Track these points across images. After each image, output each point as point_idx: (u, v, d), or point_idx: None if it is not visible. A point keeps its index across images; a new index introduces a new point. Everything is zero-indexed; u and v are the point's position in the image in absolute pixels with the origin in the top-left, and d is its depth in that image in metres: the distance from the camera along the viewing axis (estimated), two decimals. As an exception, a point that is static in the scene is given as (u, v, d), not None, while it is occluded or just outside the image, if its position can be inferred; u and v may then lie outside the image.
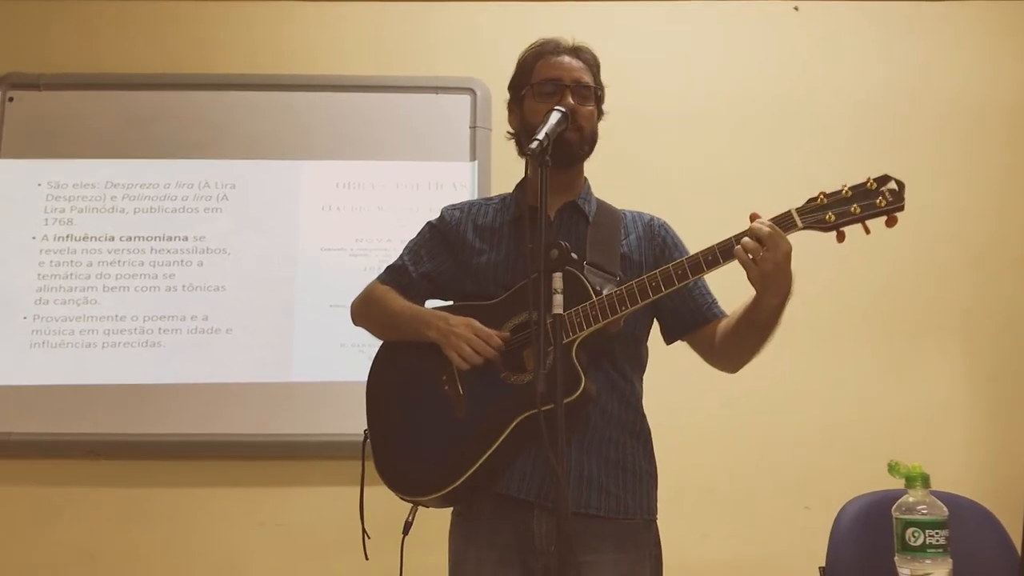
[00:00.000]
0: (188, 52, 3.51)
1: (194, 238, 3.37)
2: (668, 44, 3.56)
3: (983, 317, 3.38)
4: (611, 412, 1.91)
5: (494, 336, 1.84)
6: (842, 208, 1.67)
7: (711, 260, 1.74)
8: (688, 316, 1.99)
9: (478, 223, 2.07)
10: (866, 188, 1.67)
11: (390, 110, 3.45)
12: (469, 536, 1.92)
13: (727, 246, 1.72)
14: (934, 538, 1.38)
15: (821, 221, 1.68)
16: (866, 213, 1.66)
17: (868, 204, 1.65)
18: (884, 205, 1.64)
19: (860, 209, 1.66)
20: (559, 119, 1.80)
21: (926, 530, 1.37)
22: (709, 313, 1.99)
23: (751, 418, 3.28)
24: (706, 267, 1.74)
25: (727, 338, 1.92)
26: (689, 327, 2.00)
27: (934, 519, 1.39)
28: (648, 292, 1.77)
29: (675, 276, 1.76)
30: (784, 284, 1.71)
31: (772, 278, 1.68)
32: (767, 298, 1.73)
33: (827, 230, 1.68)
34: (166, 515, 3.22)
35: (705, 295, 2.01)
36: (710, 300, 2.01)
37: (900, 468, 1.46)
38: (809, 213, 1.69)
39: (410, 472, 1.89)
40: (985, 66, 3.53)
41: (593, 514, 1.83)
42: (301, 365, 3.28)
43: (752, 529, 3.23)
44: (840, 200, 1.68)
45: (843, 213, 1.66)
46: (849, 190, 1.68)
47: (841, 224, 1.67)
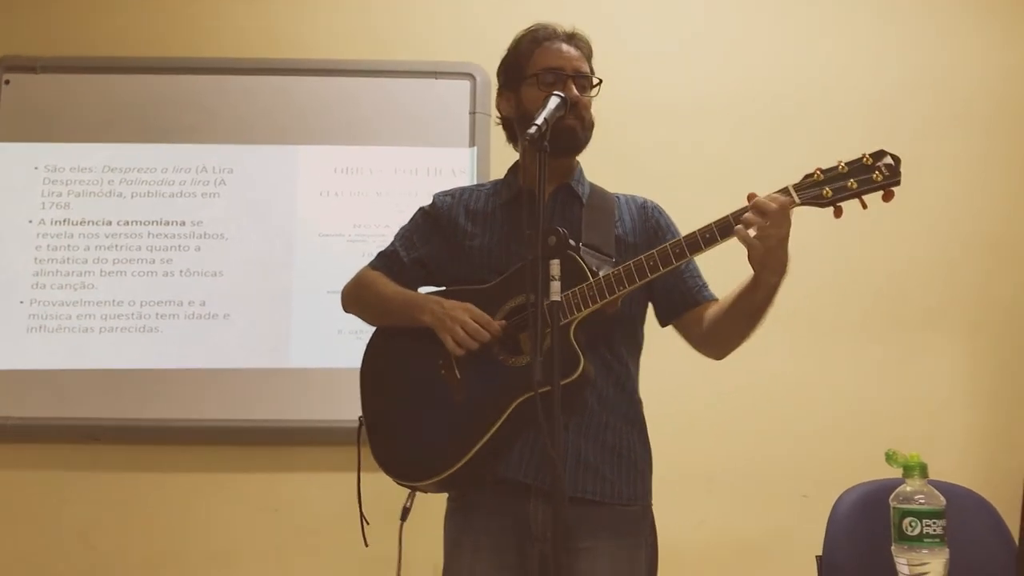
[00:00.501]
0: (186, 36, 3.49)
1: (191, 223, 3.36)
2: (672, 33, 3.53)
3: (986, 310, 3.37)
4: (607, 397, 1.90)
5: (491, 320, 1.83)
6: (839, 183, 1.66)
7: (708, 238, 1.73)
8: (678, 297, 1.99)
9: (470, 208, 2.06)
10: (862, 163, 1.67)
11: (389, 95, 3.43)
12: (465, 521, 1.91)
13: (725, 223, 1.71)
14: (931, 528, 1.37)
15: (818, 197, 1.67)
16: (863, 188, 1.66)
17: (865, 179, 1.65)
18: (881, 180, 1.64)
19: (857, 184, 1.66)
20: (558, 104, 1.79)
21: (923, 520, 1.37)
22: (700, 296, 1.99)
23: (750, 406, 3.27)
24: (704, 245, 1.73)
25: (717, 322, 1.91)
26: (679, 309, 1.99)
27: (931, 508, 1.38)
28: (646, 271, 1.76)
29: (672, 255, 1.75)
30: (783, 261, 1.71)
31: (774, 253, 1.67)
32: (766, 276, 1.72)
33: (824, 205, 1.68)
34: (163, 500, 3.22)
35: (696, 277, 2.01)
36: (700, 283, 2.01)
37: (898, 457, 1.45)
38: (806, 189, 1.69)
39: (408, 457, 1.88)
40: (1001, 58, 3.50)
41: (588, 499, 1.83)
42: (298, 351, 3.27)
43: (749, 517, 3.23)
44: (837, 175, 1.67)
45: (840, 188, 1.66)
46: (845, 165, 1.68)
47: (838, 199, 1.67)
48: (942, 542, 1.37)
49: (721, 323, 1.90)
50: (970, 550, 1.97)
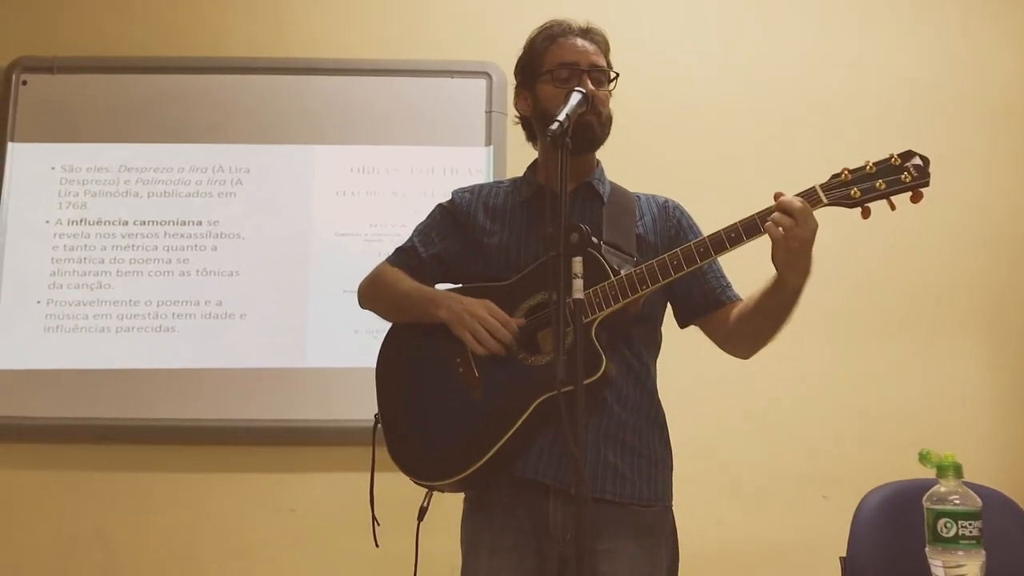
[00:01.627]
0: (202, 35, 3.49)
1: (208, 223, 3.35)
2: (687, 31, 3.51)
3: (1008, 309, 3.33)
4: (627, 396, 1.88)
5: (510, 319, 1.81)
6: (867, 184, 1.65)
7: (734, 238, 1.70)
8: (701, 299, 1.97)
9: (489, 204, 2.04)
10: (890, 164, 1.65)
11: (405, 94, 3.41)
12: (483, 521, 1.89)
13: (751, 223, 1.69)
14: (967, 529, 1.34)
15: (846, 197, 1.65)
16: (891, 189, 1.64)
17: (893, 180, 1.64)
18: (909, 181, 1.63)
19: (885, 185, 1.64)
20: (580, 100, 1.76)
21: (959, 521, 1.33)
22: (724, 296, 1.96)
23: (769, 406, 3.25)
24: (729, 245, 1.71)
25: (742, 322, 1.89)
26: (703, 310, 1.97)
27: (967, 510, 1.35)
28: (669, 271, 1.74)
29: (697, 255, 1.73)
30: (806, 263, 1.68)
31: (797, 255, 1.65)
32: (789, 277, 1.70)
33: (852, 206, 1.66)
34: (178, 500, 3.22)
35: (720, 278, 1.98)
36: (724, 283, 1.98)
37: (932, 457, 1.42)
38: (834, 189, 1.67)
39: (425, 457, 1.86)
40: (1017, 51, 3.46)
41: (609, 499, 1.81)
42: (315, 351, 3.26)
43: (769, 517, 3.20)
44: (864, 176, 1.66)
45: (868, 189, 1.64)
46: (873, 166, 1.66)
47: (866, 200, 1.65)
48: (979, 544, 1.34)
49: (746, 323, 1.87)
50: (997, 551, 1.94)
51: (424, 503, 1.90)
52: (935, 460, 1.41)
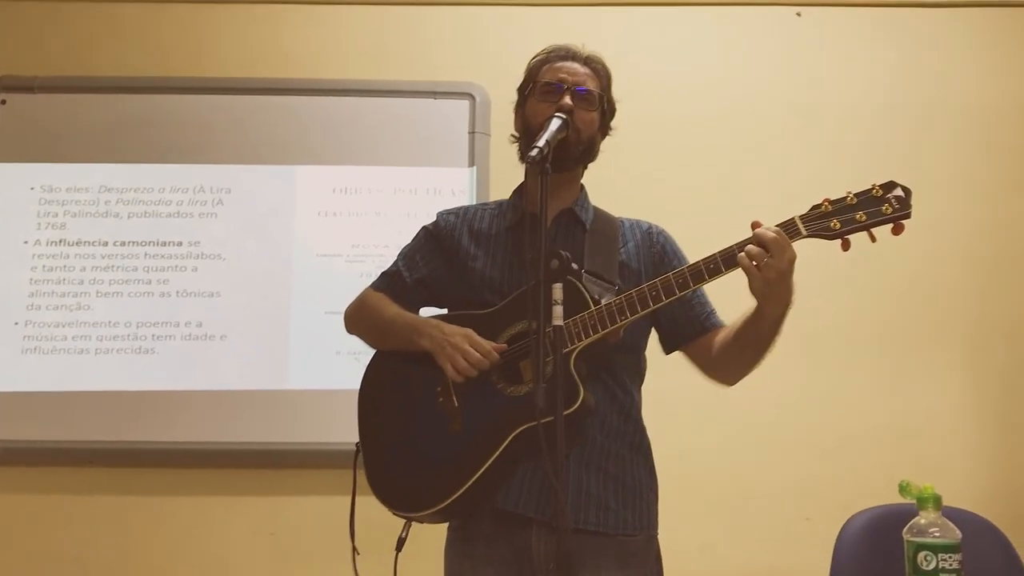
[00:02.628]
0: (183, 55, 3.47)
1: (189, 243, 3.33)
2: (669, 51, 3.52)
3: (990, 329, 3.34)
4: (610, 424, 1.87)
5: (491, 349, 1.80)
6: (847, 215, 1.63)
7: (712, 268, 1.70)
8: (686, 325, 1.96)
9: (474, 228, 2.03)
10: (871, 195, 1.64)
11: (388, 114, 3.41)
12: (466, 553, 1.87)
13: (729, 254, 1.68)
14: (947, 562, 1.33)
15: (826, 229, 1.65)
16: (872, 220, 1.63)
17: (874, 211, 1.62)
18: (890, 212, 1.62)
19: (866, 216, 1.63)
20: (559, 126, 1.77)
21: (939, 554, 1.33)
22: (708, 323, 1.96)
23: (751, 429, 3.24)
24: (708, 275, 1.71)
25: (726, 350, 1.88)
26: (687, 337, 1.97)
27: (947, 542, 1.34)
28: (648, 301, 1.73)
29: (676, 285, 1.73)
30: (786, 294, 1.67)
31: (775, 286, 1.64)
32: (768, 308, 1.69)
33: (832, 238, 1.65)
34: (158, 523, 3.18)
35: (704, 304, 1.97)
36: (709, 310, 1.98)
37: (912, 489, 1.41)
38: (813, 220, 1.66)
39: (403, 487, 1.85)
40: (993, 75, 3.49)
41: (592, 530, 1.79)
42: (296, 373, 3.24)
43: (752, 540, 3.19)
44: (845, 207, 1.65)
45: (848, 220, 1.63)
46: (854, 197, 1.65)
47: (846, 232, 1.64)
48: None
49: (730, 351, 1.87)
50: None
51: (403, 533, 1.88)
52: (915, 492, 1.40)
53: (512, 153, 2.04)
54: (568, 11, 3.50)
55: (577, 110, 1.89)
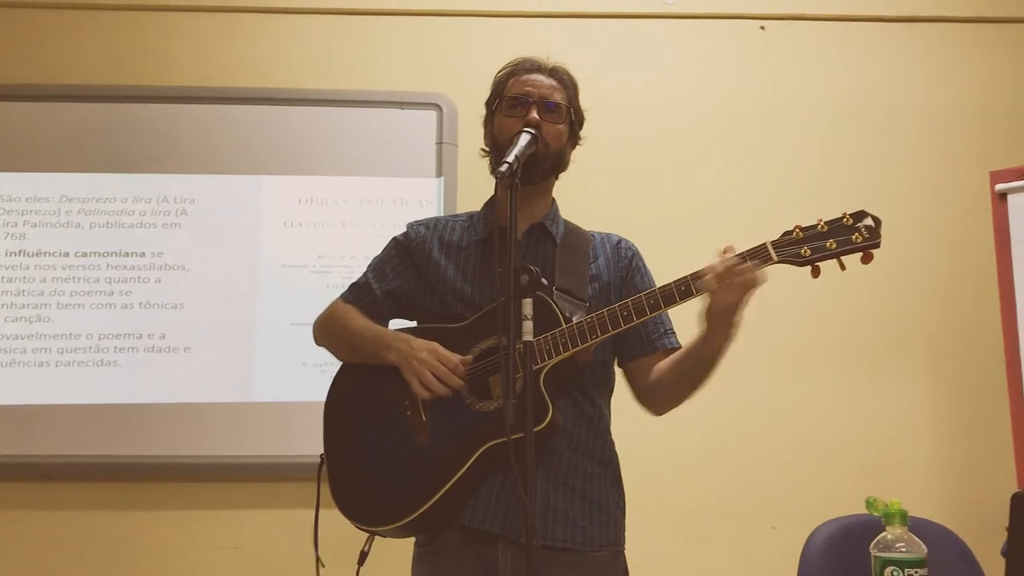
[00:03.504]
0: (146, 64, 3.43)
1: (152, 254, 3.29)
2: (634, 64, 3.54)
3: (948, 339, 3.39)
4: (579, 440, 1.87)
5: (459, 365, 1.79)
6: (818, 243, 1.65)
7: (684, 291, 1.71)
8: (636, 343, 1.96)
9: (444, 240, 2.02)
10: (842, 223, 1.66)
11: (354, 125, 3.39)
12: (432, 568, 1.86)
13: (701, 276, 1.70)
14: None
15: (797, 255, 1.67)
16: (842, 249, 1.65)
17: (844, 240, 1.65)
18: (860, 241, 1.64)
19: (836, 244, 1.65)
20: (528, 141, 1.77)
21: (905, 569, 1.35)
22: (657, 343, 1.95)
23: (715, 439, 3.26)
24: (679, 298, 1.72)
25: (663, 376, 1.90)
26: (634, 354, 1.96)
27: (913, 557, 1.36)
28: (619, 321, 1.74)
29: (647, 307, 1.74)
30: (735, 324, 1.71)
31: (733, 313, 1.68)
32: (713, 335, 1.72)
33: (802, 264, 1.67)
34: (121, 538, 3.14)
35: (659, 324, 1.97)
36: (663, 330, 1.97)
37: (878, 505, 1.43)
38: (785, 247, 1.68)
39: (367, 501, 1.83)
40: (948, 87, 3.55)
41: (560, 547, 1.79)
42: (261, 385, 3.22)
43: (718, 550, 3.21)
44: (816, 235, 1.67)
45: (819, 248, 1.65)
46: (825, 224, 1.67)
47: (817, 259, 1.66)
48: (925, 591, 1.36)
49: (666, 378, 1.89)
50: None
51: (365, 547, 1.87)
52: (881, 508, 1.42)
53: (480, 164, 2.04)
54: (535, 23, 3.51)
55: (544, 123, 1.89)
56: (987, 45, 3.59)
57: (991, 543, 3.00)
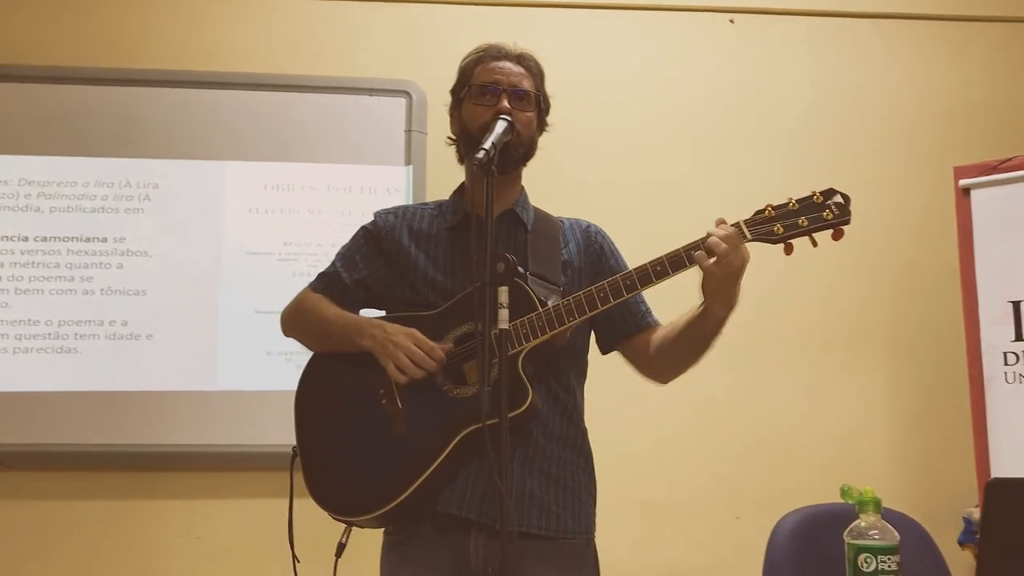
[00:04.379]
0: (110, 46, 3.37)
1: (114, 239, 3.24)
2: (602, 54, 3.54)
3: (908, 331, 3.43)
4: (553, 427, 1.87)
5: (436, 348, 1.78)
6: (790, 221, 1.68)
7: (659, 271, 1.72)
8: (622, 324, 1.97)
9: (414, 228, 2.00)
10: (812, 201, 1.69)
11: (322, 111, 3.36)
12: (403, 557, 1.85)
13: (676, 257, 1.71)
14: (886, 564, 1.37)
15: (770, 233, 1.69)
16: (814, 226, 1.67)
17: (815, 217, 1.67)
18: (831, 218, 1.67)
19: (808, 222, 1.67)
20: (505, 128, 1.76)
21: (878, 556, 1.37)
22: (644, 322, 1.97)
23: (679, 429, 3.29)
24: (655, 278, 1.73)
25: (665, 349, 1.90)
26: (623, 335, 1.98)
27: (886, 545, 1.38)
28: (596, 303, 1.74)
29: (623, 287, 1.74)
30: (734, 295, 1.71)
31: (729, 282, 1.68)
32: (716, 307, 1.72)
33: (775, 242, 1.69)
34: (81, 529, 3.09)
35: (640, 304, 1.99)
36: (645, 308, 1.99)
37: (853, 493, 1.45)
38: (757, 225, 1.70)
39: (345, 491, 1.81)
40: (913, 83, 3.60)
41: (533, 533, 1.79)
42: (226, 373, 3.18)
43: (683, 540, 3.24)
44: (787, 213, 1.69)
45: (791, 226, 1.68)
46: (796, 203, 1.69)
47: (789, 237, 1.68)
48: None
49: (668, 351, 1.89)
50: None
51: (343, 539, 1.85)
52: (855, 496, 1.44)
53: (449, 152, 2.03)
54: (506, 11, 3.49)
55: (515, 112, 1.88)
56: (954, 42, 3.64)
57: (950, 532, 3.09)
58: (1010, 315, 2.95)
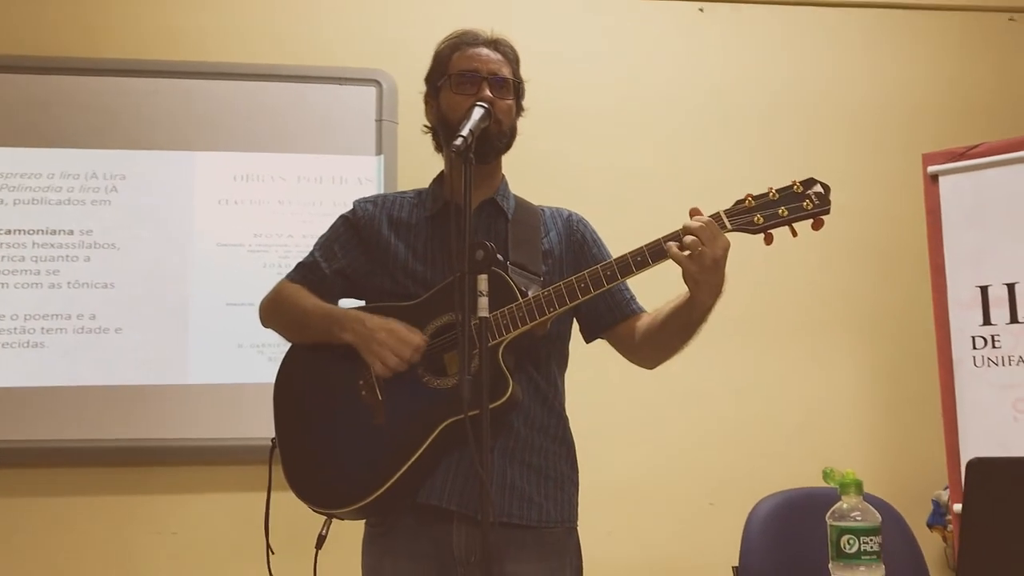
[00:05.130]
0: (75, 35, 3.30)
1: (81, 232, 3.18)
2: (571, 42, 3.53)
3: (880, 319, 3.47)
4: (534, 417, 1.86)
5: (417, 341, 1.77)
6: (770, 211, 1.69)
7: (640, 261, 1.72)
8: (607, 313, 1.97)
9: (393, 217, 1.99)
10: (792, 191, 1.70)
11: (292, 100, 3.32)
12: (385, 548, 1.84)
13: (656, 247, 1.71)
14: (868, 544, 1.39)
15: (750, 223, 1.69)
16: (793, 216, 1.68)
17: (795, 207, 1.68)
18: (811, 208, 1.68)
19: (787, 212, 1.68)
20: (482, 115, 1.75)
21: (860, 537, 1.38)
22: (629, 309, 1.97)
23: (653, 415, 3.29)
24: (635, 268, 1.72)
25: (651, 336, 1.90)
26: (609, 323, 1.97)
27: (868, 526, 1.40)
28: (577, 294, 1.74)
29: (604, 277, 1.74)
30: (719, 283, 1.71)
31: (710, 273, 1.67)
32: (701, 296, 1.72)
33: (755, 232, 1.70)
34: (52, 526, 3.05)
35: (624, 291, 1.99)
36: (629, 296, 1.99)
37: (835, 475, 1.46)
38: (738, 215, 1.71)
39: (326, 484, 1.80)
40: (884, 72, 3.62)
41: (515, 523, 1.79)
42: (196, 367, 3.14)
43: (658, 526, 3.26)
44: (767, 203, 1.70)
45: (771, 216, 1.68)
46: (776, 192, 1.70)
47: (769, 226, 1.69)
48: (878, 559, 1.39)
49: (655, 338, 1.89)
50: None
51: (323, 531, 1.84)
52: (838, 478, 1.45)
53: (420, 141, 2.02)
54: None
55: (496, 100, 1.87)
56: (922, 31, 3.67)
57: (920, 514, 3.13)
58: (978, 300, 2.98)
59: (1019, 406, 2.89)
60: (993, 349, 2.95)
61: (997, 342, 2.95)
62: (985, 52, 3.68)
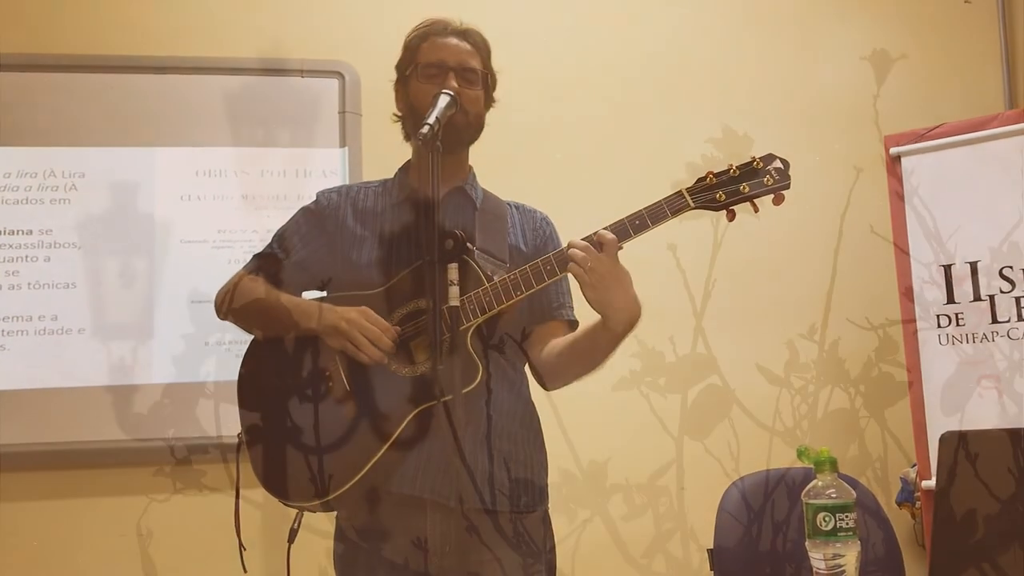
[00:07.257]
0: (28, 30, 3.23)
1: (40, 231, 3.13)
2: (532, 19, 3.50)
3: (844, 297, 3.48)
4: (503, 402, 1.87)
5: (389, 327, 1.76)
6: (731, 187, 1.71)
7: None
8: (536, 309, 1.96)
9: (358, 207, 1.98)
10: (753, 167, 1.72)
11: (253, 94, 3.28)
12: (358, 539, 1.83)
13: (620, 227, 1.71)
14: (844, 521, 1.40)
15: (712, 200, 1.72)
16: (755, 192, 1.71)
17: (756, 183, 1.71)
18: (771, 183, 1.71)
19: (749, 188, 1.71)
20: (448, 103, 1.74)
21: (836, 514, 1.39)
22: (552, 312, 1.97)
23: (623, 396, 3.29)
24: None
25: (557, 353, 1.91)
26: (532, 320, 1.97)
27: (844, 503, 1.41)
28: (543, 276, 1.75)
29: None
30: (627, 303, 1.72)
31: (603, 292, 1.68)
32: (611, 319, 1.72)
33: (718, 209, 1.72)
34: (17, 531, 2.99)
35: (561, 295, 1.98)
36: (562, 300, 1.99)
37: (809, 453, 1.48)
38: (700, 192, 1.73)
39: (295, 477, 1.79)
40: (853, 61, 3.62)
41: (488, 509, 1.79)
42: (163, 366, 3.09)
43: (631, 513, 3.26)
44: (729, 179, 1.72)
45: (733, 192, 1.71)
46: (736, 169, 1.73)
47: (731, 203, 1.72)
48: (854, 535, 1.40)
49: (560, 357, 1.90)
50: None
51: (294, 524, 1.83)
52: (812, 456, 1.46)
53: (385, 133, 2.02)
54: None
55: (463, 90, 1.87)
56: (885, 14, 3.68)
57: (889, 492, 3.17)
58: (942, 278, 3.02)
59: (984, 383, 2.93)
60: (957, 327, 2.99)
61: (961, 320, 2.99)
62: (943, 35, 3.70)
